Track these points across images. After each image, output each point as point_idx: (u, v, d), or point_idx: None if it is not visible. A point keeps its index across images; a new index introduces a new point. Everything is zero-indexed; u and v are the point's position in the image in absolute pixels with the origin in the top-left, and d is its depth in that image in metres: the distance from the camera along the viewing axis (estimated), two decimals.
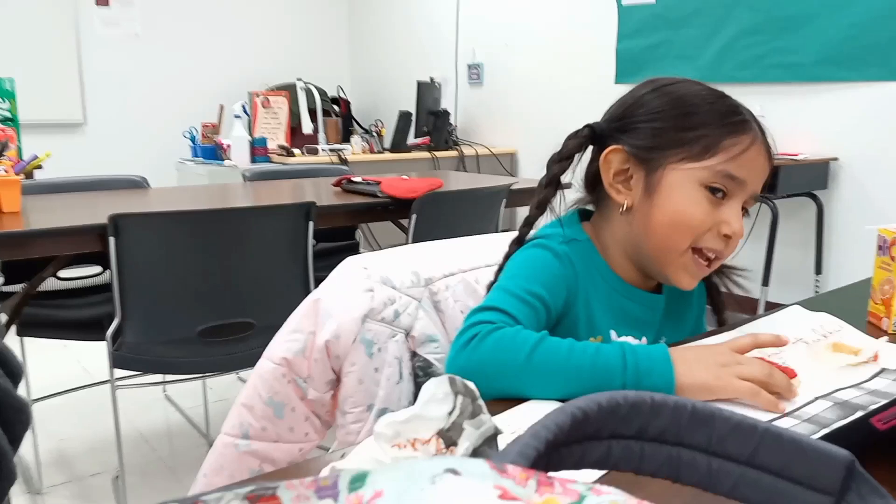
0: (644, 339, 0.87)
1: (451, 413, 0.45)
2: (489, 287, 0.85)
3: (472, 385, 0.46)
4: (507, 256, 0.87)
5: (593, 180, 0.88)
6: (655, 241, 0.82)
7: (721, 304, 0.96)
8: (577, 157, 0.86)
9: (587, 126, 0.87)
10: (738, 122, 0.80)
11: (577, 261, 0.84)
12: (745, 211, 0.83)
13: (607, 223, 0.87)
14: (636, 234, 0.84)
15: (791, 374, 0.71)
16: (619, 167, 0.83)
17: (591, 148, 0.87)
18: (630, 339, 0.85)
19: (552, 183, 0.86)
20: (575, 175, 0.89)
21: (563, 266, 0.83)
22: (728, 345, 0.73)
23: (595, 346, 0.72)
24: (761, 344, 0.73)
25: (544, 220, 0.90)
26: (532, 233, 0.89)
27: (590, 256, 0.86)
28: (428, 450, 0.44)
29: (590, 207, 0.93)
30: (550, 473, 0.35)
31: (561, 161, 0.86)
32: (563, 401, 0.68)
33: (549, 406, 0.68)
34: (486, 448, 0.44)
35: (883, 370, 0.76)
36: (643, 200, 0.82)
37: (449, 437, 0.44)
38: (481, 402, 0.45)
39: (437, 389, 0.45)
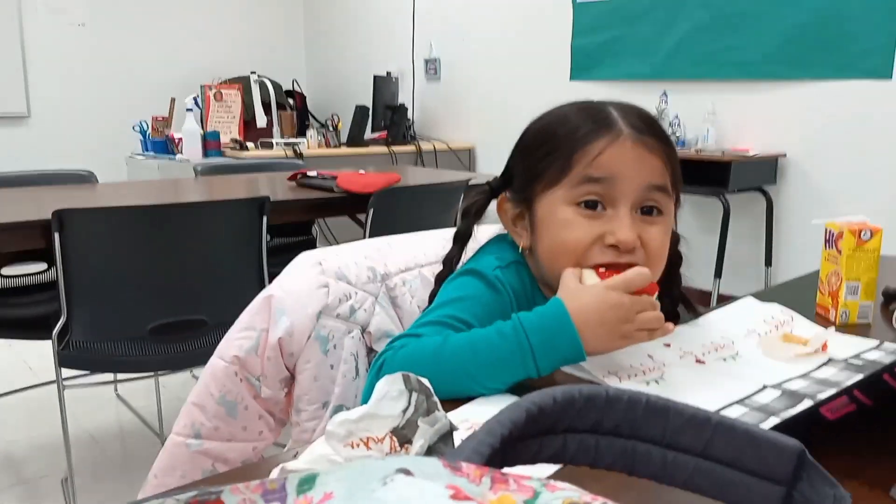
0: None
1: (405, 411, 0.44)
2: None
3: (426, 382, 0.45)
4: (434, 294, 0.85)
5: None
6: (549, 273, 0.81)
7: (685, 301, 0.94)
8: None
9: (486, 183, 0.88)
10: (590, 129, 0.77)
11: (513, 283, 0.82)
12: (656, 210, 0.78)
13: (528, 260, 0.86)
14: (538, 271, 0.84)
15: (654, 288, 0.74)
16: (513, 213, 0.85)
17: None
18: None
19: (458, 240, 0.88)
20: None
21: (496, 293, 0.80)
22: (624, 287, 0.71)
23: (495, 333, 0.70)
24: (646, 278, 0.72)
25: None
26: (481, 240, 0.88)
27: (527, 279, 0.84)
28: (382, 448, 0.43)
29: None
30: (506, 469, 0.34)
31: (465, 217, 0.88)
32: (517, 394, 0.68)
33: (504, 400, 0.67)
34: (440, 445, 0.44)
35: (830, 360, 0.78)
36: (532, 239, 0.82)
37: (403, 435, 0.44)
38: (436, 399, 0.45)
39: (390, 387, 0.44)
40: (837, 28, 3.06)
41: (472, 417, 0.64)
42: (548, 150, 0.79)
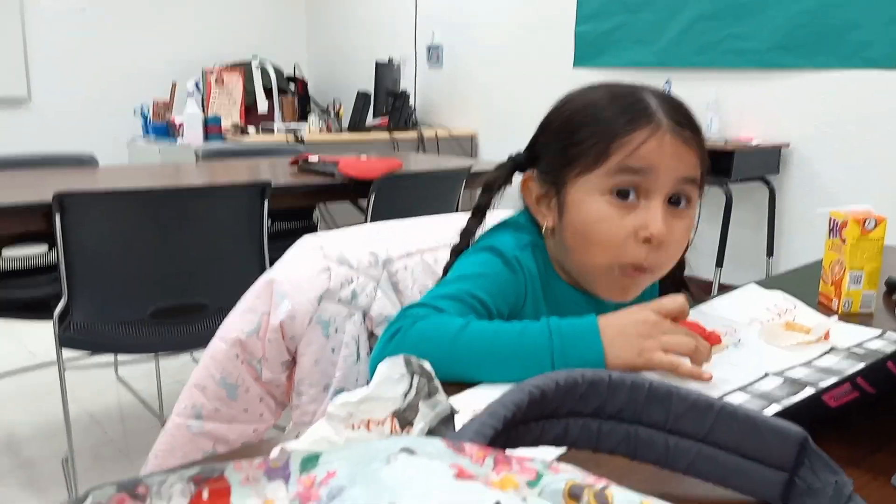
0: None
1: (406, 393, 0.44)
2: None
3: (427, 365, 0.45)
4: (449, 266, 0.85)
5: None
6: (577, 259, 0.80)
7: (685, 285, 0.92)
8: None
9: (509, 157, 0.87)
10: (630, 119, 0.76)
11: (530, 266, 0.82)
12: (686, 201, 0.78)
13: (548, 240, 0.86)
14: (562, 254, 0.83)
15: (716, 339, 0.70)
16: (538, 192, 0.84)
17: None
18: None
19: (477, 213, 0.87)
20: None
21: (513, 273, 0.80)
22: (655, 307, 0.70)
23: (521, 325, 0.70)
24: (679, 305, 0.70)
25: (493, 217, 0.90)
26: (488, 223, 0.88)
27: (544, 262, 0.84)
28: (383, 431, 0.43)
29: None
30: (508, 451, 0.34)
31: (487, 192, 0.87)
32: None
33: (506, 386, 0.67)
34: (441, 428, 0.44)
35: (832, 348, 0.78)
36: (559, 222, 0.81)
37: (404, 418, 0.43)
38: (437, 382, 0.44)
39: (391, 370, 0.44)
40: (842, 17, 3.04)
41: (474, 401, 0.64)
42: (584, 135, 0.77)
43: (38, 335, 2.47)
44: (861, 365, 0.71)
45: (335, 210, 3.65)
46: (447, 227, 0.99)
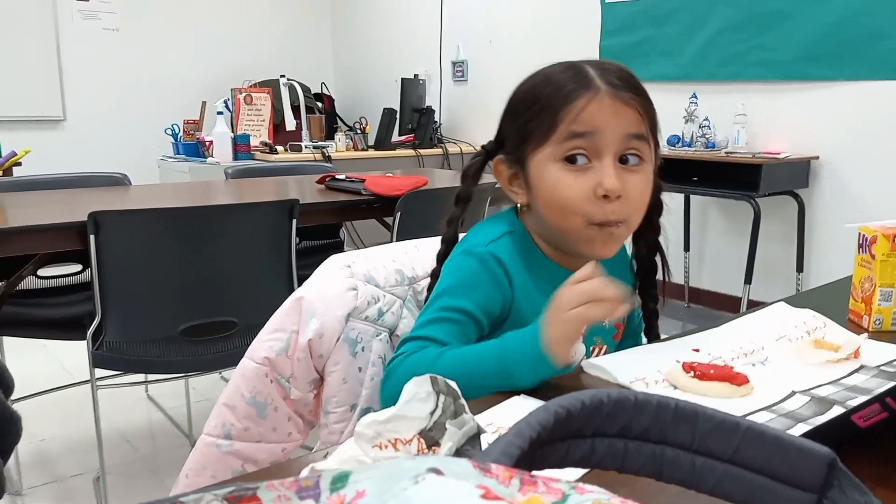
0: None
1: (433, 413, 0.44)
2: (427, 296, 0.91)
3: (453, 384, 0.45)
4: (435, 273, 0.92)
5: None
6: (555, 227, 0.86)
7: (660, 251, 0.96)
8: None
9: (482, 146, 0.95)
10: (571, 89, 0.82)
11: (508, 256, 0.86)
12: (638, 158, 0.83)
13: (527, 218, 0.92)
14: (540, 226, 0.89)
15: (742, 380, 0.71)
16: (508, 173, 0.90)
17: None
18: None
19: (459, 201, 0.95)
20: None
21: (490, 270, 0.85)
22: (569, 282, 0.74)
23: (483, 348, 0.77)
24: (591, 267, 0.74)
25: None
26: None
27: (524, 246, 0.89)
28: (410, 450, 0.44)
29: None
30: (534, 472, 0.35)
31: (465, 180, 0.95)
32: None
33: (532, 404, 0.68)
34: (468, 447, 0.44)
35: (862, 367, 0.77)
36: (529, 196, 0.88)
37: (431, 437, 0.44)
38: (463, 401, 0.45)
39: (418, 389, 0.45)
40: (870, 27, 3.00)
41: (498, 420, 0.64)
42: (535, 111, 0.85)
43: (72, 352, 2.51)
44: (891, 384, 0.70)
45: (361, 227, 3.68)
46: None
